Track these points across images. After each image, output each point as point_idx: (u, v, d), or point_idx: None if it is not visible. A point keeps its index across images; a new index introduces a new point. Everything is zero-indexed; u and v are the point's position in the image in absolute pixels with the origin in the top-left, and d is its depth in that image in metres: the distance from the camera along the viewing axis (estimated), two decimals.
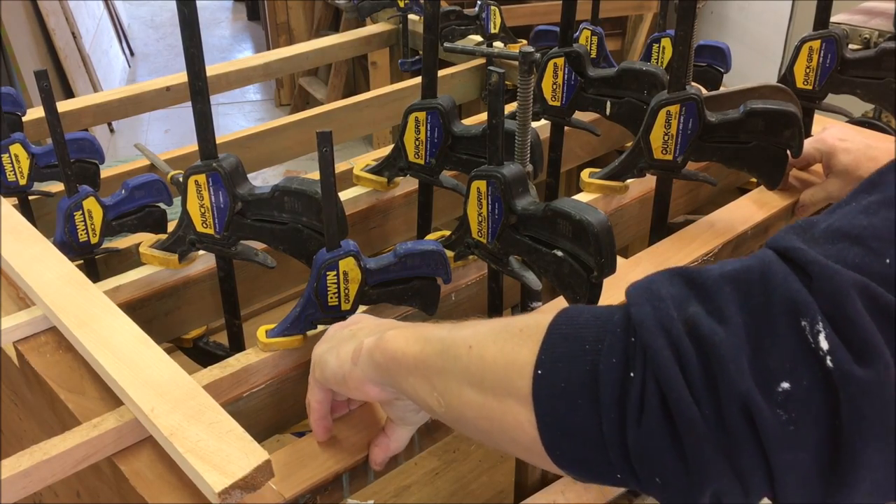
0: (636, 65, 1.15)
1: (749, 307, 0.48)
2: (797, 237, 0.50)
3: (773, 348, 0.46)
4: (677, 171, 1.06)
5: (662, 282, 0.53)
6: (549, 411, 0.53)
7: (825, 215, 0.53)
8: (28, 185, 1.11)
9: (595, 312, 0.55)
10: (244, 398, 0.86)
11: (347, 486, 0.76)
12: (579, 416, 0.51)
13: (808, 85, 1.23)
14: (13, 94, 1.15)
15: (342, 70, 3.81)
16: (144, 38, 5.89)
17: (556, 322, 0.55)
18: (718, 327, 0.48)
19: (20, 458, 0.68)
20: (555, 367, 0.53)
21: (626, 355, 0.50)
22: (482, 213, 0.89)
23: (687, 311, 0.50)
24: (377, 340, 0.68)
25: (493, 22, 1.66)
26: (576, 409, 0.52)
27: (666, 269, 0.54)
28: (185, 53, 0.87)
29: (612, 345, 0.51)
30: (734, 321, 0.48)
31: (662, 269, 0.54)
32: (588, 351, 0.52)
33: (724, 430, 0.47)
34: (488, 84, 0.84)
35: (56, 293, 0.87)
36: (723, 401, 0.47)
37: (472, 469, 1.39)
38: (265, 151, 1.47)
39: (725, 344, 0.47)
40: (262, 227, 0.93)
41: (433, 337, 0.65)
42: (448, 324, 0.67)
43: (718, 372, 0.47)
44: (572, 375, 0.52)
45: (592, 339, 0.52)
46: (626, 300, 0.53)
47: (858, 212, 0.50)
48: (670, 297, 0.51)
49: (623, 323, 0.52)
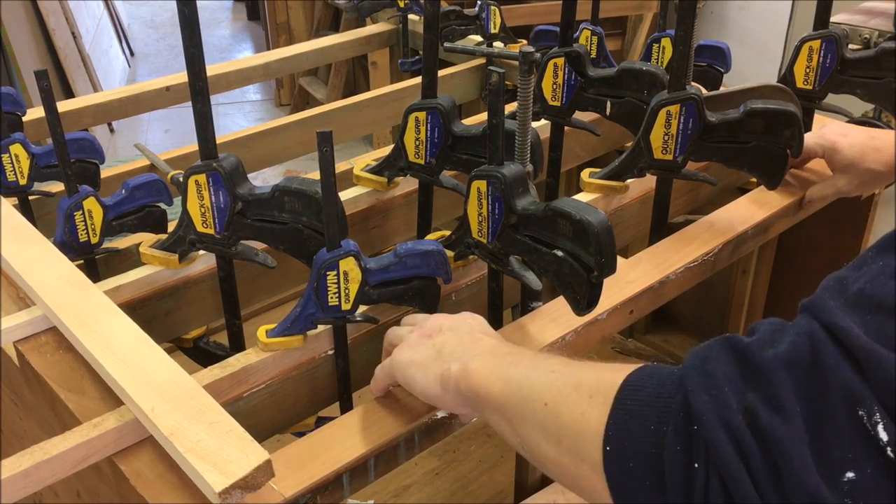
0: (636, 65, 1.15)
1: (806, 395, 0.49)
2: (835, 304, 0.52)
3: (833, 438, 0.48)
4: (677, 171, 1.06)
5: (718, 360, 0.54)
6: (620, 487, 0.56)
7: (852, 270, 0.54)
8: (28, 185, 1.11)
9: (658, 388, 0.57)
10: (244, 398, 0.86)
11: (347, 486, 0.76)
12: (649, 495, 0.54)
13: (808, 85, 1.23)
14: (13, 94, 1.15)
15: (342, 70, 3.80)
16: (144, 38, 5.89)
17: (621, 396, 0.58)
18: (778, 419, 0.49)
19: (20, 458, 0.68)
20: (622, 445, 0.56)
21: (689, 444, 0.52)
22: (482, 213, 0.89)
23: (745, 399, 0.51)
24: (462, 372, 0.72)
25: (493, 22, 1.66)
26: (645, 489, 0.54)
27: (718, 339, 0.56)
28: (185, 53, 0.87)
29: (675, 431, 0.53)
30: (793, 411, 0.49)
31: (715, 340, 0.56)
32: (653, 432, 0.54)
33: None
34: (488, 84, 0.84)
35: (56, 293, 0.87)
36: (789, 495, 0.48)
37: (472, 469, 1.39)
38: (265, 151, 1.47)
39: (787, 438, 0.48)
40: (262, 227, 0.93)
41: (513, 380, 0.68)
42: (526, 355, 0.72)
43: (783, 466, 0.48)
44: (639, 457, 0.54)
45: (656, 420, 0.54)
46: (682, 377, 0.55)
47: (889, 276, 0.51)
48: (727, 383, 0.52)
49: (684, 409, 0.53)
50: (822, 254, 1.38)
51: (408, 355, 0.79)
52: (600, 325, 0.95)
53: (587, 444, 0.58)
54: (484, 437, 1.45)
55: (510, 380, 0.69)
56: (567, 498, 0.92)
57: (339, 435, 0.78)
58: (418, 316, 0.86)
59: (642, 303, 1.00)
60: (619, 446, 0.56)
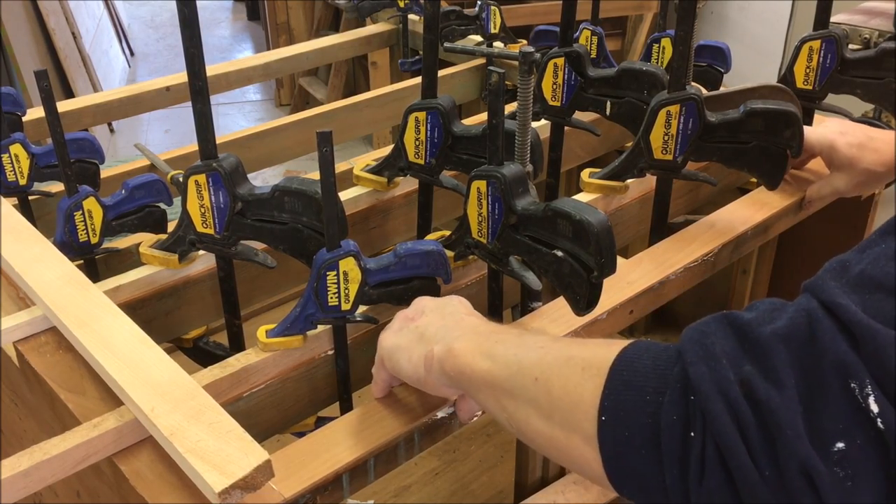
0: (636, 65, 1.15)
1: (801, 368, 0.51)
2: (835, 283, 0.53)
3: (825, 409, 0.49)
4: (677, 171, 1.06)
5: (716, 334, 0.55)
6: (614, 456, 0.57)
7: (855, 253, 0.55)
8: (28, 185, 1.11)
9: (654, 360, 0.57)
10: (244, 398, 0.86)
11: (347, 486, 0.76)
12: (644, 465, 0.55)
13: (808, 85, 1.23)
14: (13, 94, 1.15)
15: (342, 70, 3.80)
16: (144, 38, 5.89)
17: (617, 367, 0.58)
18: (774, 391, 0.50)
19: (20, 458, 0.68)
20: (617, 415, 0.57)
21: (685, 414, 0.53)
22: (482, 213, 0.89)
23: (742, 371, 0.52)
24: (446, 352, 0.72)
25: (493, 22, 1.66)
26: (640, 458, 0.55)
27: (717, 315, 0.57)
28: (185, 53, 0.87)
29: (672, 401, 0.54)
30: (788, 384, 0.50)
31: (713, 317, 0.57)
32: (649, 402, 0.55)
33: (785, 491, 0.49)
34: (488, 84, 0.84)
35: (56, 293, 0.87)
36: (782, 464, 0.49)
37: (472, 469, 1.39)
38: (265, 151, 1.47)
39: (782, 408, 0.50)
40: (262, 227, 0.93)
41: (500, 357, 0.68)
42: (511, 333, 0.72)
43: (777, 436, 0.49)
44: (635, 426, 0.55)
45: (653, 391, 0.55)
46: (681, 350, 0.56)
47: (889, 258, 0.52)
48: (725, 355, 0.53)
49: (681, 380, 0.54)
50: (822, 254, 1.38)
51: (392, 340, 0.79)
52: (600, 325, 0.95)
53: (580, 416, 0.59)
54: (484, 437, 1.45)
55: (497, 357, 0.69)
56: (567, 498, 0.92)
57: (339, 435, 0.78)
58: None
59: (642, 303, 1.00)
60: (615, 416, 0.57)
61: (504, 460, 1.40)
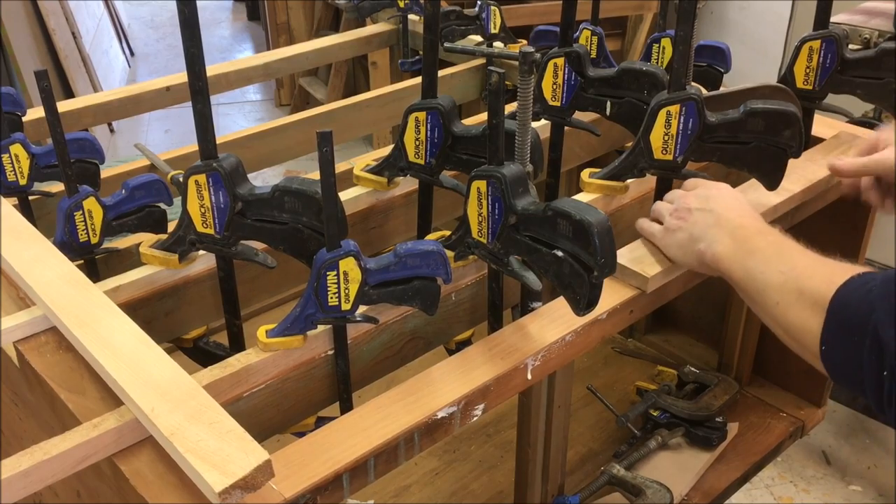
0: (636, 65, 1.15)
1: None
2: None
3: None
4: (677, 171, 1.06)
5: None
6: (833, 372, 0.82)
7: None
8: (28, 185, 1.11)
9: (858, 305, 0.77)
10: (244, 398, 0.86)
11: (347, 486, 0.76)
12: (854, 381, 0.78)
13: (808, 85, 1.23)
14: (13, 94, 1.15)
15: (342, 70, 3.81)
16: (144, 38, 5.89)
17: (833, 308, 0.80)
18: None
19: (20, 458, 0.68)
20: (833, 349, 0.80)
21: (880, 357, 0.74)
22: (482, 213, 0.89)
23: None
24: (710, 255, 0.94)
25: (493, 22, 1.66)
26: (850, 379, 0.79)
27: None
28: (185, 53, 0.87)
29: (870, 347, 0.75)
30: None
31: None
32: (857, 343, 0.76)
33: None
34: (488, 84, 0.84)
35: (56, 293, 0.87)
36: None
37: (472, 469, 1.39)
38: (265, 151, 1.47)
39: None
40: (262, 227, 0.93)
41: (751, 271, 0.90)
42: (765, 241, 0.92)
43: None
44: (846, 358, 0.79)
45: (859, 332, 0.76)
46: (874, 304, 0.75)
47: None
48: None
49: (874, 333, 0.74)
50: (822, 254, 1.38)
51: (668, 240, 1.00)
52: (600, 325, 0.95)
53: (809, 340, 0.82)
54: (484, 437, 1.45)
55: (748, 270, 0.90)
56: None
57: (339, 435, 0.78)
58: (676, 192, 1.05)
59: (642, 303, 1.00)
60: (832, 347, 0.80)
61: (504, 460, 1.40)
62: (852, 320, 0.77)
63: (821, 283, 0.82)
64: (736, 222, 0.95)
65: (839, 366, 0.80)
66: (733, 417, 1.46)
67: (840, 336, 0.79)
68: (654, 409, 1.40)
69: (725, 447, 1.40)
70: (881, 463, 2.46)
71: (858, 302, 0.77)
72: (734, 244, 0.93)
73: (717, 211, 0.97)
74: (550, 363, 0.91)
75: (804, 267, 0.86)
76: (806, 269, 0.86)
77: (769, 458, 1.44)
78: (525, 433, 1.10)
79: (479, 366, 0.87)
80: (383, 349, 0.96)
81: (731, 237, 0.94)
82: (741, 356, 1.53)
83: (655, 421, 1.40)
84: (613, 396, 1.52)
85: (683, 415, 1.38)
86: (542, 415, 1.08)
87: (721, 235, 0.94)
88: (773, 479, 2.41)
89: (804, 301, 0.83)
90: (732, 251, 0.93)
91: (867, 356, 0.75)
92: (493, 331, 0.97)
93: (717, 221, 0.96)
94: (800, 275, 0.85)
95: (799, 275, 0.85)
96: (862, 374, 0.76)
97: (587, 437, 1.45)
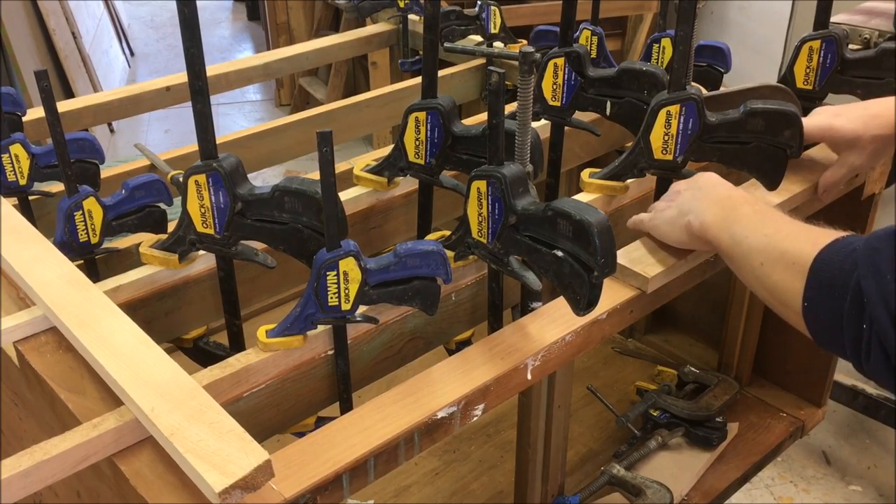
0: (636, 65, 1.15)
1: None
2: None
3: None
4: (677, 171, 1.06)
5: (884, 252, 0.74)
6: (814, 329, 0.83)
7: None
8: (28, 185, 1.11)
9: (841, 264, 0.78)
10: (244, 398, 0.86)
11: (347, 486, 0.76)
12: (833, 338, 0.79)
13: (808, 85, 1.23)
14: (13, 94, 1.15)
15: (342, 70, 3.81)
16: (144, 38, 5.90)
17: (815, 268, 0.81)
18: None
19: (20, 458, 0.68)
20: (815, 307, 0.81)
21: (860, 311, 0.75)
22: (482, 213, 0.89)
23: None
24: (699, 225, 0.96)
25: (493, 22, 1.66)
26: (830, 335, 0.80)
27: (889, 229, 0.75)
28: (185, 53, 0.87)
29: (851, 301, 0.76)
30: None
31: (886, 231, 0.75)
32: (837, 297, 0.78)
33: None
34: (488, 84, 0.84)
35: (56, 293, 0.87)
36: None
37: (472, 469, 1.39)
38: (265, 151, 1.47)
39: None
40: (262, 227, 0.93)
41: (736, 236, 0.92)
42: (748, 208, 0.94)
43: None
44: (827, 313, 0.80)
45: (840, 289, 0.77)
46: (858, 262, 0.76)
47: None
48: (891, 272, 0.72)
49: (856, 287, 0.75)
50: None
51: (657, 220, 1.02)
52: (600, 325, 0.95)
53: (791, 298, 0.84)
54: (484, 437, 1.45)
55: (734, 236, 0.92)
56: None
57: (339, 435, 0.78)
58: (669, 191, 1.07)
59: (642, 303, 1.00)
60: (813, 304, 0.81)
61: (504, 460, 1.40)
62: (835, 278, 0.78)
63: (804, 245, 0.84)
64: (724, 194, 0.97)
65: (820, 323, 0.81)
66: (733, 417, 1.46)
67: (822, 294, 0.80)
68: (654, 409, 1.40)
69: (725, 447, 1.40)
70: (881, 463, 2.46)
71: (841, 261, 0.78)
72: (721, 213, 0.95)
73: (704, 188, 0.99)
74: (550, 363, 0.91)
75: (788, 231, 0.88)
76: (790, 232, 0.88)
77: (769, 458, 1.44)
78: (525, 433, 1.10)
79: (479, 366, 0.87)
80: (383, 349, 0.96)
81: (719, 206, 0.96)
82: (741, 356, 1.53)
83: (655, 421, 1.40)
84: (613, 396, 1.52)
85: (683, 415, 1.38)
86: (542, 415, 1.08)
87: (709, 205, 0.96)
88: (773, 479, 2.42)
89: (787, 261, 0.85)
90: (720, 219, 0.94)
91: (847, 312, 0.76)
92: (493, 331, 0.97)
93: (706, 194, 0.98)
94: (784, 237, 0.87)
95: (784, 237, 0.87)
96: (842, 330, 0.77)
97: (587, 437, 1.45)
